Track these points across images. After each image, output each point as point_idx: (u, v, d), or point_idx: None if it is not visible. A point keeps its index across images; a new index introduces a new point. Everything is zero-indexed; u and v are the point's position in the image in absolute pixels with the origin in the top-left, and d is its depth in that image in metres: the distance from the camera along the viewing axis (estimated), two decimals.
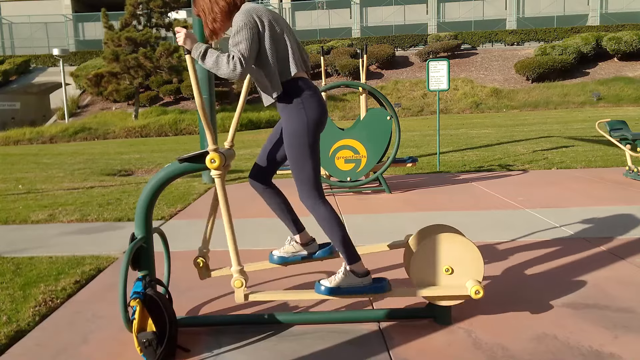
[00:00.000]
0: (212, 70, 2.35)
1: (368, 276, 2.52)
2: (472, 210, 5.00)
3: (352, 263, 2.51)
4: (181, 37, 2.33)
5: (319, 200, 2.52)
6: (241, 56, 2.32)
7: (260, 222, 4.78)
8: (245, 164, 9.24)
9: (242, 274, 2.44)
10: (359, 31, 33.81)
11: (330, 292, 2.48)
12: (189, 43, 2.34)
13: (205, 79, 6.94)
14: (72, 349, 2.44)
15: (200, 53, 2.34)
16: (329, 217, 2.50)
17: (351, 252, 2.52)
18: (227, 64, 2.31)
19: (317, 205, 2.51)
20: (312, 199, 2.51)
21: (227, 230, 2.41)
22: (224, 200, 2.40)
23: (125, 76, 22.09)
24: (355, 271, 2.51)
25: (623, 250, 3.59)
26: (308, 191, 2.51)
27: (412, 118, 21.57)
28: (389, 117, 5.75)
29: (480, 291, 2.42)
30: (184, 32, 2.33)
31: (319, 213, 2.51)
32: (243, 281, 2.44)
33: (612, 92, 22.79)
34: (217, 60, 2.32)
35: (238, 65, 2.31)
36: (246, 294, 2.48)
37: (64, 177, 8.36)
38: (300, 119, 2.47)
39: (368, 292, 2.49)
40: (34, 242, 4.35)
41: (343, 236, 2.50)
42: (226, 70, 2.32)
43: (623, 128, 6.31)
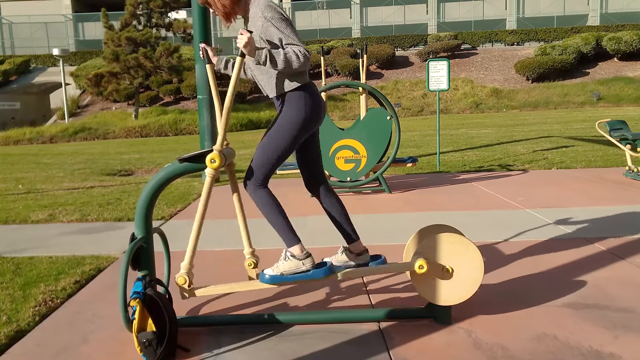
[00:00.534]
0: (285, 68, 2.41)
1: (309, 258, 2.53)
2: (472, 210, 5.00)
3: (291, 245, 2.53)
4: (243, 41, 2.34)
5: (262, 185, 2.55)
6: (301, 46, 2.43)
7: (260, 222, 4.77)
8: (245, 164, 9.24)
9: (188, 272, 2.50)
10: (359, 31, 33.81)
11: (274, 280, 2.51)
12: (249, 49, 2.36)
13: (205, 78, 6.93)
14: (72, 349, 2.44)
15: (266, 57, 2.38)
16: (269, 200, 2.53)
17: (289, 234, 2.54)
18: (297, 59, 2.40)
19: (259, 189, 2.54)
20: (257, 183, 2.55)
21: (194, 227, 2.48)
22: (206, 199, 2.48)
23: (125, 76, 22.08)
24: (295, 255, 2.52)
25: (623, 250, 3.59)
26: (258, 176, 2.55)
27: (412, 118, 21.58)
28: (389, 117, 5.75)
29: (424, 266, 2.45)
30: (247, 36, 2.34)
31: (259, 197, 2.54)
32: (186, 278, 2.49)
33: (612, 92, 22.79)
34: (286, 58, 2.39)
35: (307, 55, 2.43)
36: (190, 290, 2.52)
37: (64, 177, 8.36)
38: (299, 112, 2.52)
39: (311, 276, 2.50)
40: (34, 242, 4.35)
41: (281, 219, 2.53)
42: (298, 63, 2.41)
43: (623, 128, 6.31)
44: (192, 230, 2.50)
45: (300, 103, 2.53)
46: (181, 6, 22.82)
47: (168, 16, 22.81)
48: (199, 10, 6.84)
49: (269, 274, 2.52)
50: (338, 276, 2.55)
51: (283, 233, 2.54)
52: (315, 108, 2.55)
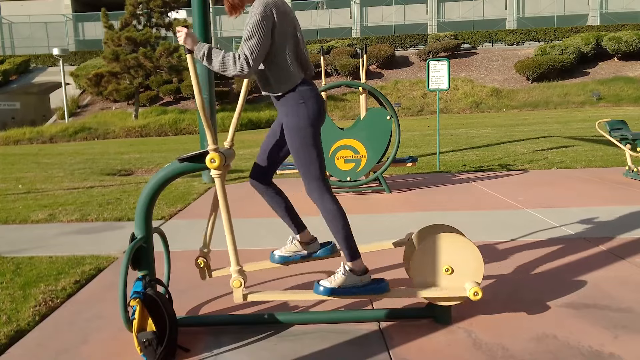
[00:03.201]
0: (219, 71, 2.35)
1: (367, 274, 2.53)
2: (472, 210, 5.00)
3: (352, 260, 2.51)
4: (182, 37, 2.32)
5: (325, 193, 2.51)
6: (249, 55, 2.32)
7: (260, 222, 4.78)
8: (245, 163, 9.24)
9: (240, 273, 2.44)
10: (359, 31, 33.80)
11: (330, 292, 2.48)
12: (189, 43, 2.32)
13: (205, 78, 6.93)
14: (72, 349, 2.44)
15: (204, 54, 2.33)
16: (335, 211, 2.50)
17: (353, 249, 2.52)
18: (233, 65, 2.32)
19: (324, 198, 2.51)
20: (318, 191, 2.51)
21: (226, 230, 2.41)
22: (224, 200, 2.41)
23: (125, 76, 22.09)
24: (355, 270, 2.51)
25: (623, 250, 3.59)
26: (314, 184, 2.52)
27: (412, 118, 21.57)
28: (389, 117, 5.75)
29: (479, 293, 2.42)
30: (185, 31, 2.32)
31: (325, 206, 2.51)
32: (242, 281, 2.44)
33: (612, 92, 22.79)
34: (223, 61, 2.32)
35: (245, 66, 2.32)
36: (245, 294, 2.48)
37: (64, 177, 8.36)
38: (300, 114, 2.47)
39: (367, 292, 2.49)
40: (34, 242, 4.35)
41: (346, 232, 2.51)
42: (233, 71, 2.33)
43: (623, 128, 6.31)
44: (227, 233, 2.41)
45: (297, 109, 2.47)
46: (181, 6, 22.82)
47: (168, 16, 22.81)
48: (199, 10, 6.84)
49: (325, 286, 2.49)
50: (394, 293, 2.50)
51: (346, 246, 2.51)
52: (312, 110, 2.49)
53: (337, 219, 2.50)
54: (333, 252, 2.84)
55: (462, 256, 2.49)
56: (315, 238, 2.85)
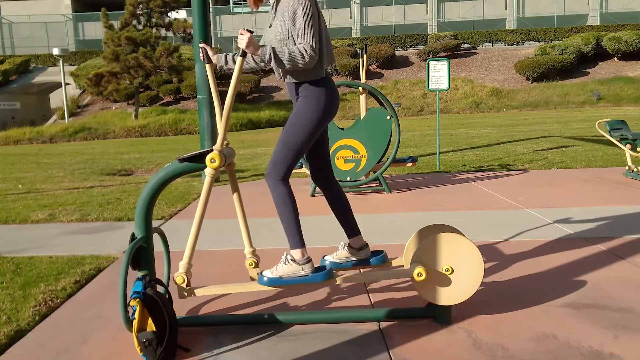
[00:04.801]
0: (289, 67, 2.43)
1: (309, 264, 2.55)
2: (472, 210, 5.00)
3: (294, 248, 2.55)
4: (244, 41, 2.36)
5: (282, 180, 2.55)
6: (313, 44, 2.42)
7: (261, 222, 4.78)
8: (245, 163, 9.24)
9: (187, 272, 2.50)
10: (359, 31, 33.80)
11: (272, 282, 2.52)
12: (252, 48, 2.39)
13: (205, 78, 6.93)
14: (72, 349, 2.44)
15: (270, 56, 2.40)
16: (286, 197, 2.54)
17: (296, 236, 2.55)
18: (302, 58, 2.41)
19: (279, 184, 2.55)
20: (278, 177, 2.55)
21: (193, 226, 2.49)
22: (205, 199, 2.49)
23: (125, 76, 22.07)
24: (296, 259, 2.54)
25: (623, 250, 3.59)
26: (279, 170, 2.55)
27: (412, 118, 21.57)
28: (389, 117, 5.75)
29: (422, 273, 2.43)
30: (248, 36, 2.37)
31: (277, 191, 2.55)
32: (184, 277, 2.50)
33: (612, 91, 22.78)
34: (291, 58, 2.40)
35: (314, 54, 2.42)
36: (189, 289, 2.53)
37: (64, 177, 8.36)
38: (317, 106, 2.54)
39: (309, 280, 2.52)
40: (34, 242, 4.35)
41: (293, 219, 2.54)
42: (303, 64, 2.42)
43: (623, 128, 6.31)
44: (192, 230, 2.50)
45: (319, 96, 2.54)
46: (181, 6, 22.81)
47: (168, 16, 22.80)
48: (199, 10, 6.84)
49: (267, 276, 2.53)
50: (337, 280, 2.55)
51: (290, 234, 2.55)
52: (332, 101, 2.57)
53: (286, 205, 2.53)
54: (385, 261, 2.82)
55: (462, 256, 2.49)
56: (366, 244, 2.83)
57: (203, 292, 2.56)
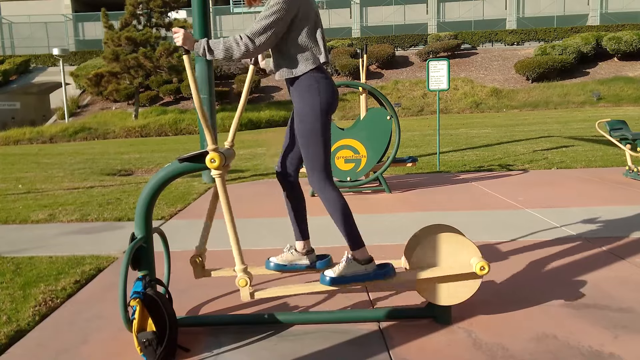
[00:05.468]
0: (226, 58, 2.36)
1: (372, 263, 2.53)
2: (472, 210, 5.00)
3: (355, 249, 2.52)
4: (180, 38, 2.32)
5: (327, 183, 2.52)
6: (252, 34, 2.34)
7: (261, 222, 4.78)
8: (245, 164, 9.24)
9: (246, 272, 2.44)
10: (359, 31, 33.80)
11: (334, 282, 2.48)
12: (188, 43, 2.33)
13: (205, 78, 6.93)
14: (72, 349, 2.44)
15: (204, 48, 2.34)
16: (336, 200, 2.51)
17: (355, 237, 2.52)
18: (237, 47, 2.33)
19: (326, 187, 2.52)
20: (320, 181, 2.52)
21: (229, 230, 2.41)
22: (226, 199, 2.41)
23: (125, 76, 22.08)
24: (358, 258, 2.52)
25: (623, 250, 3.59)
26: (317, 173, 2.52)
27: (412, 118, 21.57)
28: (389, 117, 5.75)
29: (485, 267, 2.41)
30: (182, 32, 2.32)
31: (326, 196, 2.52)
32: (247, 280, 2.44)
33: (612, 91, 22.78)
34: (225, 47, 2.34)
35: (250, 44, 2.33)
36: (252, 292, 2.48)
37: (64, 177, 8.36)
38: (313, 100, 2.48)
39: (373, 278, 2.49)
40: (34, 242, 4.35)
41: (348, 220, 2.51)
42: (239, 53, 2.34)
43: (623, 128, 6.31)
44: (230, 233, 2.41)
45: (309, 93, 2.48)
46: (181, 6, 22.80)
47: (168, 16, 22.79)
48: (199, 10, 6.84)
49: (329, 276, 2.49)
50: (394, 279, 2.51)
51: (350, 236, 2.52)
52: (325, 94, 2.50)
53: (338, 208, 2.50)
54: (329, 265, 2.81)
55: (462, 256, 2.49)
56: (312, 249, 2.84)
57: (264, 294, 2.50)
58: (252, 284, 2.47)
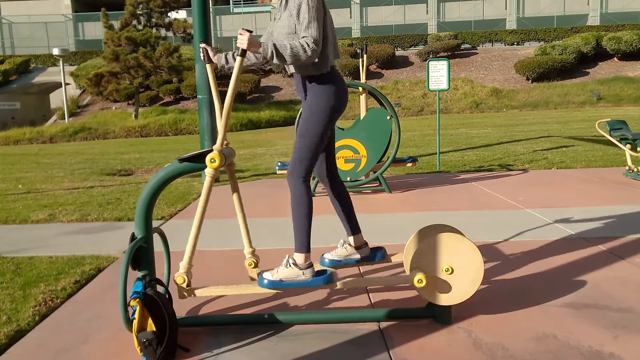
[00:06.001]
0: (291, 63, 2.43)
1: (310, 269, 2.55)
2: (472, 210, 5.00)
3: (298, 252, 2.55)
4: (245, 41, 2.36)
5: (303, 180, 2.56)
6: (317, 38, 2.41)
7: (261, 222, 4.78)
8: (245, 163, 9.24)
9: (187, 272, 2.51)
10: (359, 31, 33.79)
11: (272, 285, 2.52)
12: (255, 46, 2.38)
13: (205, 78, 6.92)
14: (72, 349, 2.44)
15: (272, 52, 2.39)
16: (304, 199, 2.54)
17: (303, 241, 2.55)
18: (304, 52, 2.40)
19: (300, 184, 2.55)
20: (299, 177, 2.56)
21: (194, 226, 2.49)
22: (205, 198, 2.49)
23: (125, 76, 22.06)
24: (298, 263, 2.54)
25: (623, 250, 3.59)
26: (299, 168, 2.56)
27: (412, 118, 21.57)
28: (389, 117, 5.75)
29: (422, 280, 2.43)
30: (248, 35, 2.36)
31: (296, 191, 2.55)
32: (185, 278, 2.50)
33: (612, 92, 22.78)
34: (293, 53, 2.40)
35: (316, 48, 2.41)
36: (189, 290, 2.53)
37: (64, 177, 8.36)
38: (328, 101, 2.55)
39: (309, 284, 2.53)
40: (34, 242, 4.35)
41: (305, 223, 2.54)
42: (305, 58, 2.41)
43: (623, 128, 6.31)
44: (192, 230, 2.51)
45: (327, 90, 2.55)
46: (181, 6, 22.80)
47: (168, 16, 22.79)
48: (199, 10, 6.84)
49: (267, 278, 2.53)
50: (337, 285, 2.55)
51: (299, 236, 2.55)
52: (340, 94, 2.59)
53: (300, 206, 2.54)
54: (384, 257, 2.83)
55: (462, 256, 2.49)
56: (366, 242, 2.85)
57: (203, 293, 2.57)
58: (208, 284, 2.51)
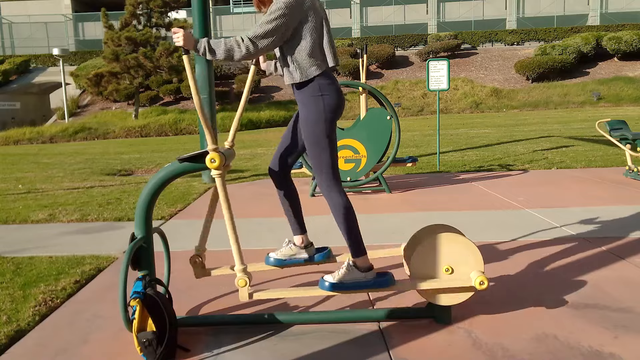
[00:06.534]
0: (227, 59, 2.36)
1: (371, 271, 2.53)
2: (472, 210, 5.00)
3: (357, 256, 2.52)
4: (180, 38, 2.31)
5: (335, 187, 2.53)
6: (253, 36, 2.34)
7: (261, 222, 4.78)
8: (245, 164, 9.23)
9: (245, 272, 2.45)
10: (359, 31, 33.79)
11: (334, 287, 2.49)
12: (189, 43, 2.32)
13: (205, 78, 6.93)
14: (72, 349, 2.44)
15: (204, 48, 2.34)
16: (343, 205, 2.51)
17: (358, 244, 2.53)
18: (239, 48, 2.34)
19: (333, 192, 2.52)
20: (328, 186, 2.53)
21: (229, 230, 2.41)
22: (225, 199, 2.41)
23: (125, 76, 22.07)
24: (359, 265, 2.52)
25: (623, 250, 3.59)
26: (325, 178, 2.53)
27: (412, 118, 21.57)
28: (389, 117, 5.75)
29: (484, 282, 2.42)
30: (182, 32, 2.31)
31: (333, 200, 2.52)
32: (247, 280, 2.45)
33: (612, 91, 22.78)
34: (226, 48, 2.34)
35: (251, 46, 2.34)
36: (250, 293, 2.49)
37: (64, 177, 8.36)
38: (317, 106, 2.49)
39: (372, 286, 2.50)
40: (34, 242, 4.35)
41: (353, 227, 2.52)
42: (240, 54, 2.35)
43: (623, 128, 6.31)
44: (229, 233, 2.41)
45: (316, 98, 2.49)
46: (181, 6, 22.80)
47: (168, 16, 22.79)
48: (199, 10, 6.84)
49: (329, 281, 2.50)
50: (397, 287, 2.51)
51: (352, 242, 2.53)
52: (330, 99, 2.51)
53: (344, 213, 2.51)
54: (329, 257, 2.83)
55: (462, 256, 2.49)
56: (311, 242, 2.85)
57: (264, 296, 2.51)
58: (252, 282, 2.47)
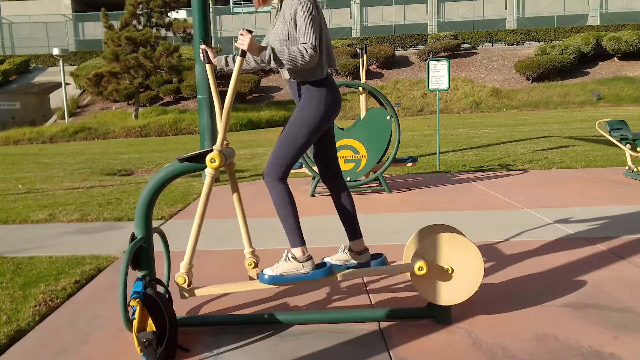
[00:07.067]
0: (289, 67, 2.46)
1: (309, 261, 2.55)
2: (472, 210, 5.00)
3: (294, 246, 2.55)
4: (246, 42, 2.38)
5: (281, 179, 2.56)
6: (314, 42, 2.44)
7: (262, 222, 4.78)
8: (245, 164, 9.23)
9: (188, 272, 2.50)
10: (359, 31, 33.79)
11: (273, 280, 2.52)
12: (254, 50, 2.41)
13: (205, 79, 6.92)
14: (72, 349, 2.44)
15: (269, 57, 2.42)
16: (284, 196, 2.55)
17: (295, 234, 2.56)
18: (302, 57, 2.43)
19: (277, 182, 2.56)
20: (276, 176, 2.56)
21: (194, 226, 2.49)
22: (206, 198, 2.49)
23: (125, 76, 22.06)
24: (297, 257, 2.54)
25: (623, 250, 3.59)
26: (278, 168, 2.56)
27: (412, 118, 21.57)
28: (389, 117, 5.75)
29: (423, 267, 2.45)
30: (249, 37, 2.39)
31: (276, 190, 2.55)
32: (185, 278, 2.50)
33: (612, 91, 22.78)
34: (290, 58, 2.42)
35: (314, 53, 2.44)
36: (191, 289, 2.53)
37: (64, 177, 8.36)
38: (318, 107, 2.55)
39: (310, 277, 2.53)
40: (34, 242, 4.35)
41: (292, 218, 2.55)
42: (303, 63, 2.44)
43: (623, 128, 6.31)
44: (192, 230, 2.50)
45: (320, 96, 2.56)
46: (181, 6, 22.80)
47: (168, 16, 22.79)
48: (199, 10, 6.84)
49: (268, 274, 2.53)
50: (337, 277, 2.55)
51: (290, 232, 2.56)
52: (333, 101, 2.60)
53: (284, 204, 2.54)
54: (385, 264, 2.81)
55: (462, 256, 2.49)
56: (367, 248, 2.82)
57: (203, 292, 2.56)
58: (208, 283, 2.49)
